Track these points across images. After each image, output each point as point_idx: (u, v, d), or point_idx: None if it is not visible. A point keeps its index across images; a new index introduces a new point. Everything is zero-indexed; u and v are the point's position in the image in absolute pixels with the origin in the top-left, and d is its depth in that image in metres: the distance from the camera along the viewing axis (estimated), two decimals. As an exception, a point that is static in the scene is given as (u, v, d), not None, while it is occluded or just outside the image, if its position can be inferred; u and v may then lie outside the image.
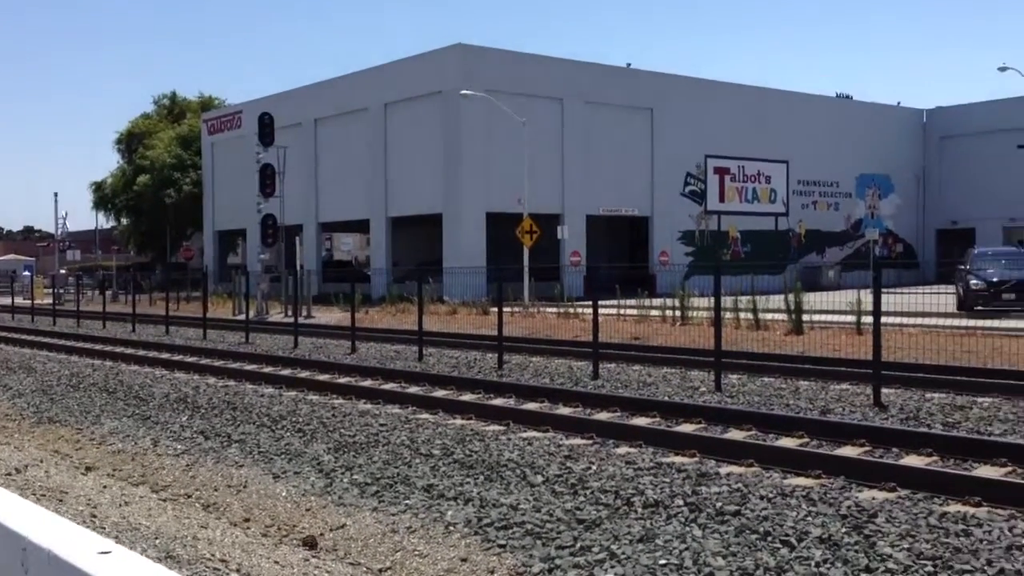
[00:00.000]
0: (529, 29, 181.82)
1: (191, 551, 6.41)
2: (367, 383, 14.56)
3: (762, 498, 7.17)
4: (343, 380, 15.02)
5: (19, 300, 44.37)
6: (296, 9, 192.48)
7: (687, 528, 6.51)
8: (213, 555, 6.35)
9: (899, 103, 58.67)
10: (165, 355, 20.18)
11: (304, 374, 16.05)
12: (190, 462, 9.35)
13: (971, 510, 6.72)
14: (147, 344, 23.29)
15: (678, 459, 8.66)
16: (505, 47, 43.68)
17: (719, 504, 7.01)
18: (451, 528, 6.78)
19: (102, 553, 2.89)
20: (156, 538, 6.71)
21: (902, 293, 18.32)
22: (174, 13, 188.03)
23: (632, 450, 9.14)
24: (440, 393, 13.26)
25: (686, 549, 6.05)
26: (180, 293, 42.97)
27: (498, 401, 12.41)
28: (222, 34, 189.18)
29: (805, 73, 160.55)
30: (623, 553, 6.04)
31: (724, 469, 8.22)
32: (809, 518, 6.61)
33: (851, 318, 20.14)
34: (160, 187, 60.72)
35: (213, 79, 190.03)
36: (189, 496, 8.00)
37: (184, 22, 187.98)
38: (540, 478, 8.05)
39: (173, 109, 70.45)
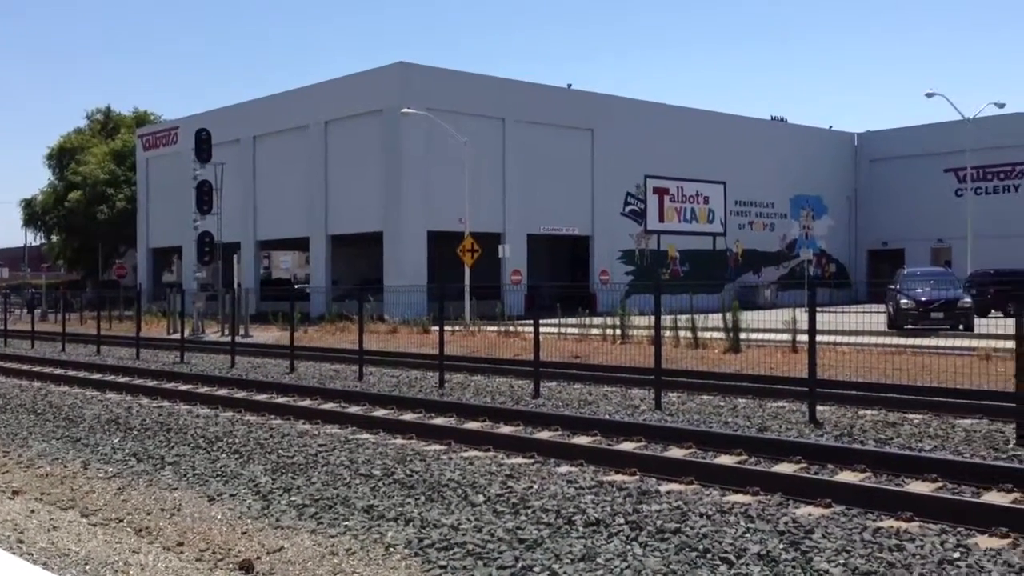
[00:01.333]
0: (470, 49, 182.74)
1: (122, 577, 6.23)
2: (306, 403, 14.37)
3: (702, 515, 7.23)
4: (281, 400, 14.80)
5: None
6: (235, 25, 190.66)
7: (628, 546, 6.54)
8: (145, 581, 6.18)
9: (831, 127, 60.28)
10: (96, 375, 19.68)
11: (241, 394, 15.76)
12: (122, 485, 9.10)
13: (904, 525, 6.86)
14: (77, 364, 22.68)
15: (619, 477, 8.70)
16: (446, 66, 43.79)
17: (659, 522, 7.05)
18: (391, 549, 6.71)
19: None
20: (86, 564, 6.51)
21: (835, 312, 18.68)
22: (109, 27, 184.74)
23: (573, 469, 9.15)
24: (380, 413, 13.15)
25: (627, 567, 6.07)
26: (112, 312, 42.01)
27: (439, 420, 12.34)
28: (158, 49, 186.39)
29: (741, 96, 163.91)
30: (564, 572, 6.03)
31: (664, 487, 8.28)
32: (748, 535, 6.68)
33: (787, 336, 20.52)
34: (92, 203, 59.42)
35: (149, 94, 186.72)
36: (120, 520, 7.78)
37: (119, 37, 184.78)
38: (481, 497, 8.02)
39: (107, 124, 69.11)
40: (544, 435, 11.01)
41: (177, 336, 27.33)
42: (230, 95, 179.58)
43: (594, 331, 25.41)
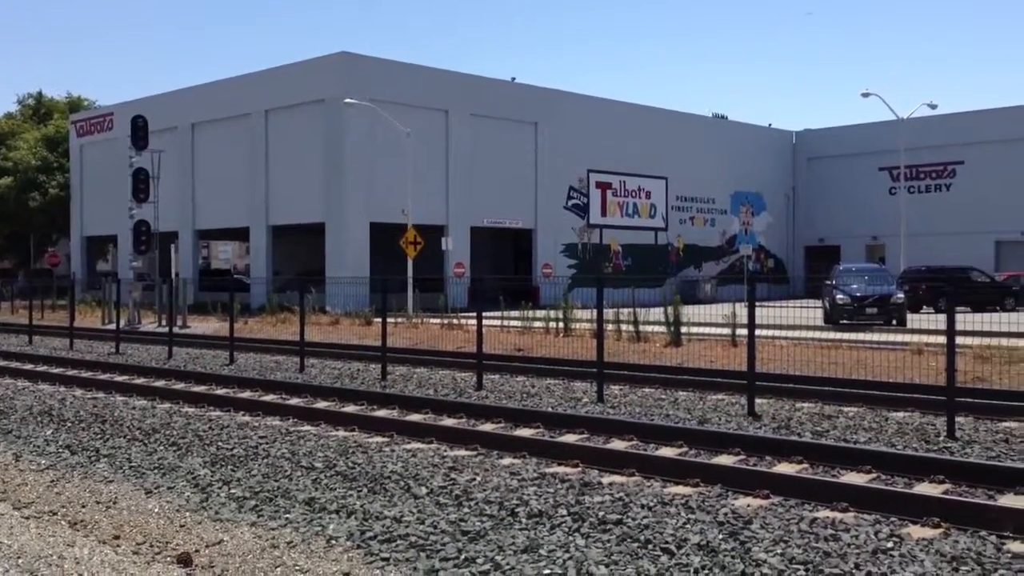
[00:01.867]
0: (414, 41, 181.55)
1: (56, 571, 6.10)
2: (246, 395, 14.18)
3: (643, 507, 7.31)
4: (221, 391, 14.58)
5: None
6: (174, 9, 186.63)
7: (571, 538, 6.58)
8: (81, 575, 6.05)
9: (770, 124, 61.31)
10: (28, 366, 19.16)
11: (179, 386, 15.50)
12: (55, 477, 8.90)
13: (839, 515, 7.02)
14: (8, 354, 22.06)
15: (562, 469, 8.75)
16: (389, 57, 43.47)
17: (602, 513, 7.11)
18: (333, 542, 6.66)
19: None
20: (19, 557, 6.35)
21: (774, 307, 19.05)
22: (40, 8, 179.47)
23: (516, 461, 9.18)
24: (322, 405, 13.03)
25: (570, 559, 6.11)
26: (45, 301, 40.93)
27: (382, 412, 12.28)
28: (92, 33, 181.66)
29: (683, 93, 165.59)
30: (507, 564, 6.06)
31: (607, 479, 8.35)
32: (688, 525, 6.78)
33: (726, 331, 20.83)
34: (24, 190, 57.74)
35: (82, 80, 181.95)
36: (54, 513, 7.60)
37: (51, 19, 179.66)
38: (424, 490, 8.00)
39: (39, 109, 67.16)
40: (487, 427, 11.02)
41: (112, 326, 26.73)
42: (168, 82, 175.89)
43: (537, 324, 25.50)
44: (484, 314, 16.00)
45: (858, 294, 27.53)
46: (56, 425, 11.87)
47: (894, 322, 26.71)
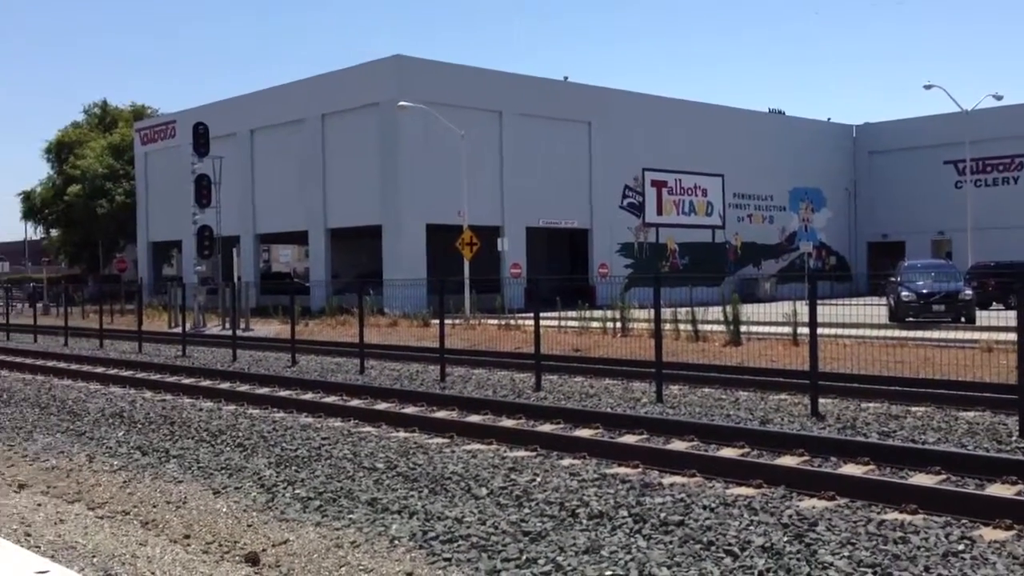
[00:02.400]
0: (467, 43, 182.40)
1: (130, 569, 6.26)
2: (308, 396, 14.40)
3: (705, 508, 7.26)
4: (283, 393, 14.82)
5: (-58, 313, 42.89)
6: (232, 18, 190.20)
7: (632, 539, 6.56)
8: (153, 573, 6.21)
9: (829, 119, 60.22)
10: (99, 369, 19.69)
11: (243, 387, 15.80)
12: (127, 478, 9.13)
13: (908, 517, 6.89)
14: (80, 358, 22.70)
15: (622, 470, 8.73)
16: (443, 59, 43.71)
17: (663, 514, 7.08)
18: (396, 542, 6.73)
19: (39, 573, 2.83)
20: (94, 557, 6.54)
21: (836, 305, 18.70)
22: (105, 21, 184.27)
23: (576, 462, 9.18)
24: (382, 406, 13.17)
25: (631, 560, 6.09)
26: (114, 306, 42.00)
27: (441, 414, 12.37)
28: (155, 43, 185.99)
29: (739, 89, 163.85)
30: (569, 565, 6.06)
31: (667, 480, 8.31)
32: (751, 527, 6.71)
33: (787, 329, 20.54)
34: (91, 197, 59.33)
35: (145, 88, 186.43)
36: (127, 513, 7.80)
37: (116, 30, 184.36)
38: (485, 490, 8.04)
39: (104, 118, 68.95)
40: (546, 428, 11.04)
41: (178, 330, 27.35)
42: (227, 88, 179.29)
43: (594, 324, 25.42)
44: (541, 314, 16.00)
45: (924, 291, 26.94)
46: (127, 427, 12.18)
47: (962, 319, 26.07)
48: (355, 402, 13.67)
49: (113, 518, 7.69)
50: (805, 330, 12.59)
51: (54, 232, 68.73)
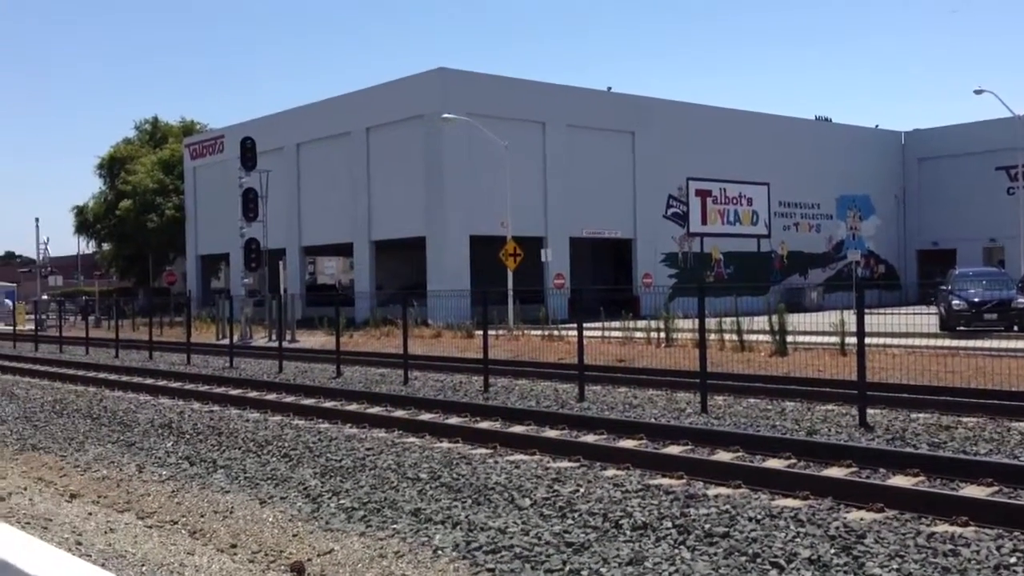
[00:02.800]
0: (510, 53, 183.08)
1: (178, 578, 6.35)
2: (353, 407, 14.51)
3: (751, 519, 7.18)
4: (329, 404, 14.95)
5: (0, 327, 43.95)
6: (278, 34, 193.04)
7: (676, 550, 6.51)
8: (200, 582, 6.29)
9: (877, 125, 59.35)
10: (149, 380, 20.04)
11: (289, 399, 15.97)
12: (176, 488, 9.27)
13: (959, 530, 6.75)
14: (131, 370, 23.12)
15: (666, 481, 8.67)
16: (486, 71, 43.89)
17: (708, 526, 7.01)
18: (439, 552, 6.75)
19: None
20: (143, 565, 6.65)
21: (885, 314, 18.41)
22: (155, 38, 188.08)
23: (620, 472, 9.14)
24: (426, 416, 13.23)
25: (675, 571, 6.05)
26: (163, 318, 42.71)
27: (485, 424, 12.39)
28: (203, 59, 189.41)
29: (785, 97, 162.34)
30: (613, 576, 6.03)
31: (712, 491, 8.23)
32: (798, 539, 6.62)
33: (835, 339, 20.24)
34: (142, 212, 60.49)
35: (194, 104, 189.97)
36: (175, 522, 7.93)
37: (165, 47, 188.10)
38: (528, 501, 8.04)
39: (155, 134, 70.29)
40: (590, 439, 11.00)
41: (226, 341, 27.72)
42: (274, 103, 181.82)
43: (638, 334, 25.30)
44: (585, 325, 15.98)
45: (976, 299, 26.41)
46: (176, 437, 12.37)
47: (1015, 328, 25.50)
48: (399, 413, 13.75)
49: (162, 527, 7.82)
50: (853, 340, 12.40)
51: (106, 246, 70.14)
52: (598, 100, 45.39)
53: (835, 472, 8.75)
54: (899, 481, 8.32)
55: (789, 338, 21.17)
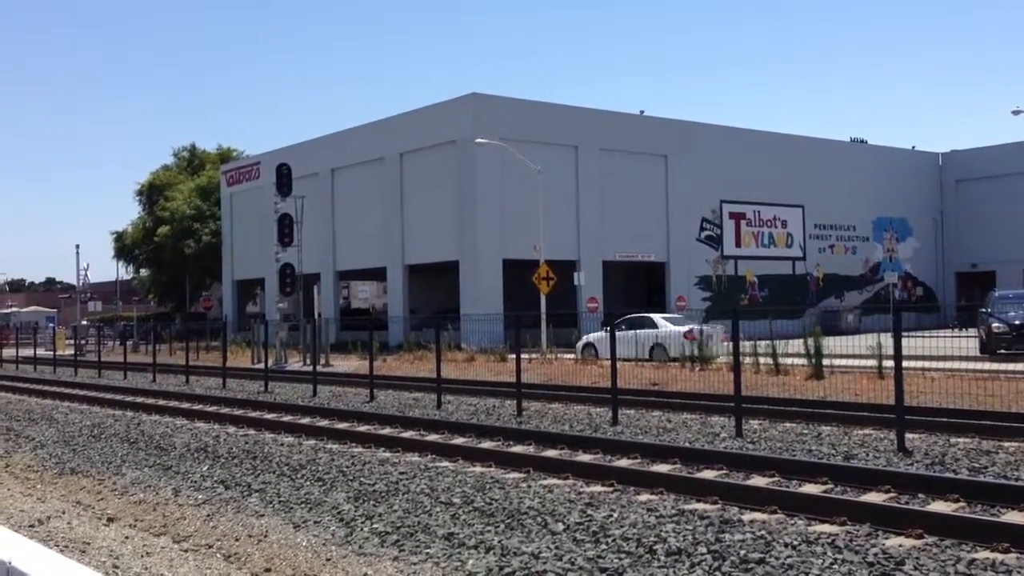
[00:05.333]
0: (542, 78, 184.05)
1: (213, 602, 6.38)
2: (386, 431, 14.54)
3: (787, 545, 7.09)
4: (362, 428, 15.01)
5: (41, 351, 44.69)
6: (314, 62, 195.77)
7: (711, 576, 6.44)
8: (235, 606, 6.32)
9: (913, 147, 58.81)
10: (185, 405, 20.23)
11: (323, 423, 16.05)
12: (211, 512, 9.34)
13: (1000, 556, 6.62)
14: (168, 394, 23.37)
15: (700, 506, 8.59)
16: (518, 96, 44.16)
17: (743, 552, 6.93)
18: (473, 577, 6.73)
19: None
20: (178, 589, 6.69)
21: (924, 337, 18.16)
22: (193, 67, 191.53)
23: (653, 497, 9.07)
24: (459, 441, 13.22)
25: (711, 598, 5.97)
26: (199, 343, 43.16)
27: (518, 448, 12.36)
28: (240, 87, 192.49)
29: (818, 118, 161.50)
30: (647, 602, 5.97)
31: (747, 516, 8.14)
32: (836, 566, 6.53)
33: (872, 362, 19.99)
34: (180, 238, 61.35)
35: (231, 131, 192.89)
36: (210, 546, 7.98)
37: (202, 75, 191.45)
38: (561, 526, 8.00)
39: (192, 161, 71.43)
40: (623, 463, 10.93)
41: (261, 366, 27.94)
42: (309, 130, 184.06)
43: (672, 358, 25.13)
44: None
45: (1016, 322, 25.97)
46: (211, 461, 12.47)
47: (1058, 351, 25.00)
48: (432, 437, 13.76)
49: (197, 551, 7.87)
50: (890, 363, 12.24)
51: (144, 272, 71.17)
52: (631, 124, 45.45)
53: (873, 497, 8.62)
54: (939, 507, 8.18)
55: (825, 361, 20.93)
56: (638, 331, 27.86)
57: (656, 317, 29.28)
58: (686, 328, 26.74)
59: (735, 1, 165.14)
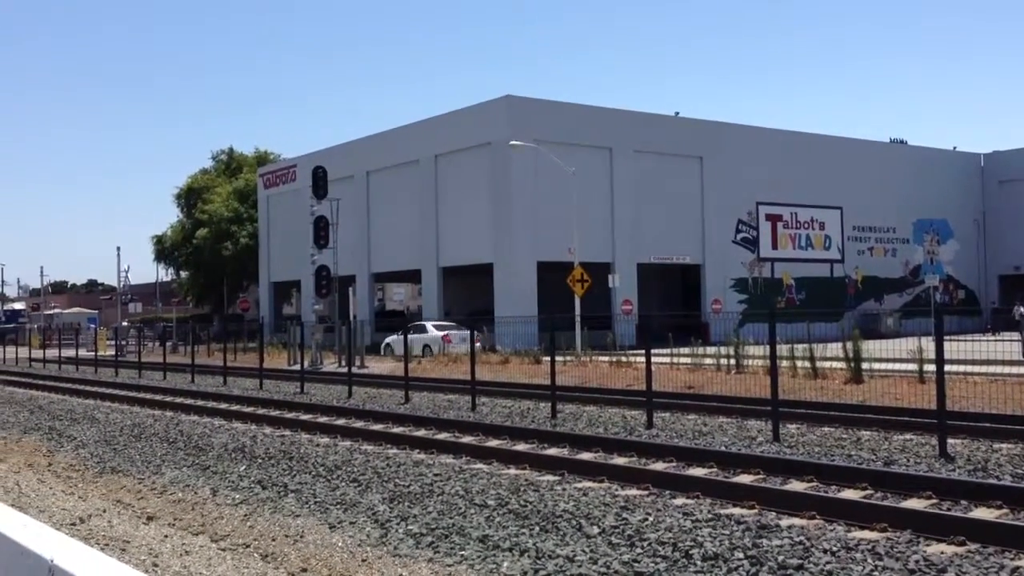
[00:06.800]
0: (576, 79, 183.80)
1: (250, 601, 6.42)
2: (421, 433, 14.58)
3: (826, 551, 6.99)
4: (397, 430, 15.06)
5: (83, 352, 45.40)
6: (350, 66, 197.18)
7: (749, 582, 6.37)
8: (271, 606, 6.36)
9: (955, 147, 57.92)
10: (223, 405, 20.44)
11: (358, 424, 16.13)
12: (248, 512, 9.41)
13: (1046, 565, 6.48)
14: (206, 395, 23.62)
15: (737, 511, 8.50)
16: (553, 98, 44.13)
17: (781, 557, 6.85)
18: (508, 580, 6.71)
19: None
20: (215, 588, 6.74)
21: (966, 340, 17.85)
22: (231, 71, 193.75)
23: (689, 501, 9.00)
24: (494, 443, 13.22)
25: (748, 604, 5.91)
26: (237, 344, 43.54)
27: (552, 451, 12.33)
28: (276, 91, 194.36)
29: (857, 119, 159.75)
30: (683, 607, 5.92)
31: (785, 521, 8.05)
32: (876, 573, 6.43)
33: (912, 366, 19.68)
34: (218, 240, 62.05)
35: (268, 135, 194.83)
36: (247, 546, 8.04)
37: (240, 80, 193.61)
38: (596, 529, 7.96)
39: (230, 164, 72.21)
40: (658, 466, 10.86)
41: (297, 367, 28.15)
42: (345, 132, 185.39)
43: (707, 361, 24.95)
44: (653, 351, 15.83)
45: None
46: (248, 461, 12.58)
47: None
48: (467, 439, 13.77)
49: (235, 550, 7.93)
50: (932, 367, 12.06)
51: (183, 274, 72.05)
52: (666, 125, 45.24)
53: (914, 504, 8.49)
54: (981, 513, 8.03)
55: (865, 365, 20.66)
56: (417, 335, 35.47)
57: (428, 324, 37.84)
58: (443, 333, 35.41)
59: (773, 1, 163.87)
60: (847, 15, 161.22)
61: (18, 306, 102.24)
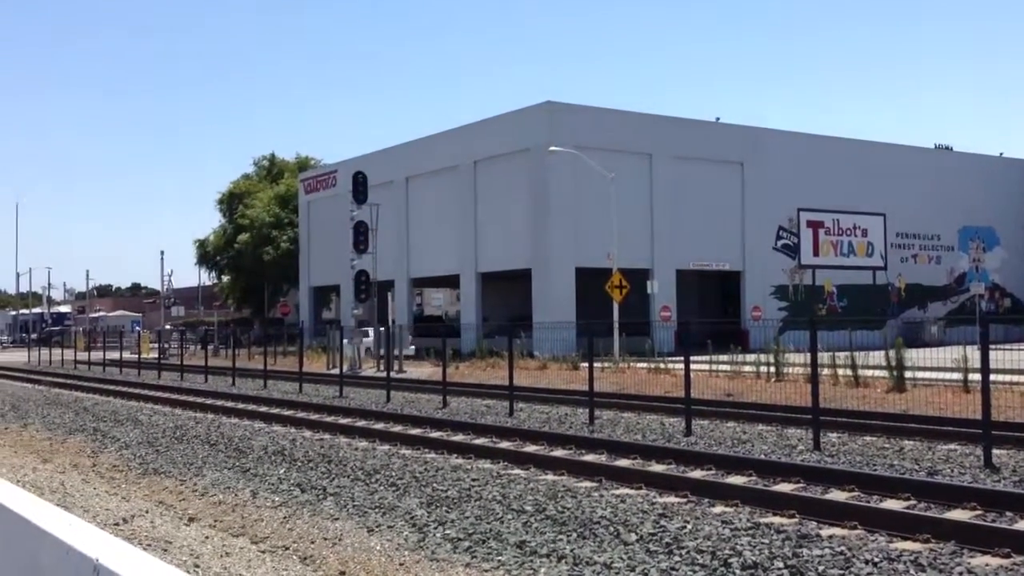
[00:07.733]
0: (616, 85, 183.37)
1: (289, 603, 6.48)
2: (459, 438, 14.62)
3: (867, 562, 6.91)
4: (435, 434, 15.11)
5: (127, 355, 46.10)
6: (390, 72, 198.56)
7: (788, 592, 6.30)
8: (310, 607, 6.41)
9: (1001, 154, 56.88)
10: (263, 408, 20.65)
11: (397, 428, 16.21)
12: (287, 514, 9.50)
13: (1095, 580, 6.34)
14: (246, 397, 23.88)
15: (777, 520, 8.42)
16: (592, 103, 44.05)
17: (821, 568, 6.78)
18: (545, 586, 6.71)
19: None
20: (255, 589, 6.81)
21: (1013, 350, 17.51)
22: (273, 77, 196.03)
23: (728, 509, 8.93)
24: (531, 448, 13.22)
25: (788, 614, 5.85)
26: (277, 348, 44.00)
27: (590, 457, 12.30)
28: (317, 97, 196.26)
29: (902, 125, 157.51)
30: (722, 616, 5.87)
31: (826, 531, 7.96)
32: (918, 584, 6.33)
33: (957, 375, 19.37)
34: (259, 245, 62.70)
35: (310, 140, 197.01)
36: (287, 548, 8.12)
37: (283, 86, 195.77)
38: (634, 536, 7.93)
39: (272, 170, 72.97)
40: (697, 474, 10.79)
41: (336, 371, 28.36)
42: (385, 138, 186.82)
43: (747, 368, 24.75)
44: (692, 358, 15.74)
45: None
46: (288, 464, 12.70)
47: None
48: (504, 444, 13.78)
49: (274, 552, 8.02)
50: (977, 376, 11.86)
51: (225, 278, 72.91)
52: (706, 131, 44.96)
53: (958, 515, 8.35)
54: (1029, 526, 7.87)
55: (908, 374, 20.36)
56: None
57: (370, 330, 37.13)
58: (371, 338, 35.72)
59: (813, 6, 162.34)
60: (892, 20, 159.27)
61: (64, 309, 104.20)
